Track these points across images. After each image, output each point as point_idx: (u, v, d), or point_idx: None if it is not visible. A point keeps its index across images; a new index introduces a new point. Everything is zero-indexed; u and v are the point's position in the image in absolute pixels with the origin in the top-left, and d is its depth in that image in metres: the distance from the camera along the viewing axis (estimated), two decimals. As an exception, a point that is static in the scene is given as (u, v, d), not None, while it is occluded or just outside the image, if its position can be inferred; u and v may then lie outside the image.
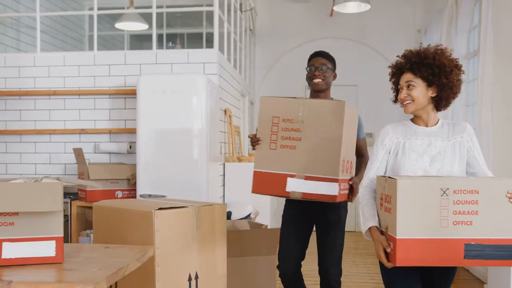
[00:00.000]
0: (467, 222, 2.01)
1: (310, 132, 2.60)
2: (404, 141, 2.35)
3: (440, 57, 2.29)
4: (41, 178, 1.98)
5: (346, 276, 5.05)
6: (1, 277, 1.70)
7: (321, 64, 3.05)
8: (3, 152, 4.81)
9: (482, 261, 2.03)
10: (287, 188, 2.61)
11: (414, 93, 2.29)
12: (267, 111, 2.67)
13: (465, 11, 5.67)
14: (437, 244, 2.02)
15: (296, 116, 2.61)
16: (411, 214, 2.05)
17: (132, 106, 4.63)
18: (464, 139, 2.31)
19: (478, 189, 2.01)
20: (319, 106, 2.62)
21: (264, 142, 2.67)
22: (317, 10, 7.63)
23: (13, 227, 1.84)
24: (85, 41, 7.03)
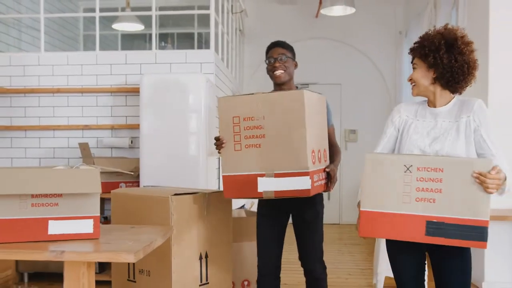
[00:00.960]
0: (430, 200, 2.03)
1: (273, 128, 2.50)
2: (412, 121, 2.34)
3: (434, 38, 2.26)
4: (79, 165, 2.27)
5: (333, 263, 5.41)
6: (49, 249, 1.99)
7: (280, 55, 2.89)
8: (8, 147, 5.04)
9: (443, 239, 2.03)
10: (259, 189, 2.51)
11: (414, 75, 2.31)
12: (227, 112, 2.57)
13: (443, 14, 6.04)
14: (400, 219, 2.06)
15: (256, 113, 2.52)
16: (375, 188, 2.11)
17: (133, 103, 4.91)
18: (470, 118, 2.23)
19: (442, 168, 2.02)
20: (278, 98, 2.51)
21: (228, 145, 2.58)
22: (303, 11, 7.96)
23: (57, 207, 2.13)
24: (80, 40, 7.26)
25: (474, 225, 1.98)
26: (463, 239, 2.01)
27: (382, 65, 8.02)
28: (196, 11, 5.83)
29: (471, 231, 1.99)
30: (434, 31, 2.30)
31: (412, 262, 2.32)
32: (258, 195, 2.53)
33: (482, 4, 4.68)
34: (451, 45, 2.23)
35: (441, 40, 2.23)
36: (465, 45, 2.25)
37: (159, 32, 7.40)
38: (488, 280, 4.48)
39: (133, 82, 4.90)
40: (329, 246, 6.19)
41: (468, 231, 1.99)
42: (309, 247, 2.91)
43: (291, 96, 2.51)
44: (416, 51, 2.31)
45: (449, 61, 2.21)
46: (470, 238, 2.00)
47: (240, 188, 2.57)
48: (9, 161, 5.03)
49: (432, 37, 2.26)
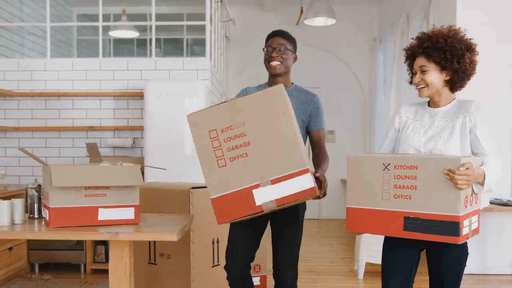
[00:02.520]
0: (407, 196, 2.09)
1: (256, 132, 2.26)
2: (411, 122, 2.40)
3: (452, 40, 2.27)
4: (120, 163, 2.70)
5: (316, 253, 5.93)
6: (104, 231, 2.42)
7: (279, 45, 2.75)
8: (16, 147, 5.38)
9: (419, 234, 2.09)
10: (257, 202, 2.24)
11: (428, 78, 2.30)
12: (200, 128, 2.30)
13: (415, 26, 6.59)
14: (379, 215, 2.15)
15: (234, 120, 2.26)
16: (358, 185, 2.20)
17: (134, 107, 5.32)
18: (466, 118, 2.27)
19: (416, 165, 2.08)
20: (254, 100, 2.29)
21: (210, 163, 2.28)
22: (285, 19, 8.44)
23: (106, 197, 2.55)
24: (74, 45, 7.59)
25: (447, 220, 2.02)
26: (437, 234, 2.05)
27: (358, 70, 8.58)
28: (195, 22, 6.24)
29: (445, 226, 2.03)
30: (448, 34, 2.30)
31: (405, 255, 2.34)
32: (257, 210, 2.25)
33: (449, 20, 5.23)
34: (470, 48, 2.31)
35: (462, 46, 2.27)
36: (475, 49, 2.34)
37: (149, 38, 7.80)
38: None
39: (135, 87, 5.31)
40: (310, 239, 6.70)
41: (442, 226, 2.03)
42: (286, 249, 2.75)
43: (269, 94, 2.29)
44: (432, 55, 2.28)
45: (469, 65, 2.29)
46: (444, 233, 2.04)
47: (235, 208, 2.26)
48: (17, 160, 5.38)
49: (451, 41, 2.27)
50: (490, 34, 5.01)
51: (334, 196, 8.22)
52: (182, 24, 7.08)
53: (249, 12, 8.32)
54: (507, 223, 5.03)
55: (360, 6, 8.32)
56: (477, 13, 5.02)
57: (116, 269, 2.55)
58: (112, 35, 6.41)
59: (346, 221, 2.28)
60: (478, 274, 4.98)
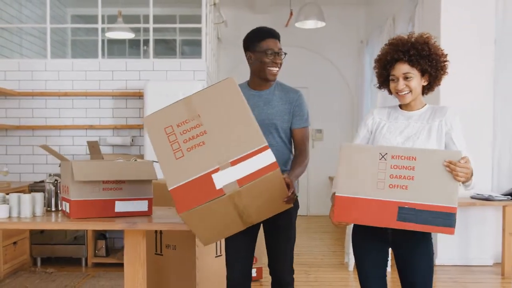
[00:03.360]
0: (403, 186, 2.09)
1: (211, 120, 2.29)
2: (384, 123, 2.43)
3: (434, 48, 2.35)
4: (134, 159, 2.90)
5: (307, 247, 6.17)
6: (121, 221, 2.61)
7: (280, 50, 2.68)
8: (17, 145, 5.54)
9: (413, 225, 2.09)
10: (217, 186, 2.19)
11: (412, 84, 2.34)
12: (156, 127, 2.32)
13: (401, 28, 6.86)
14: (373, 204, 2.11)
15: (189, 114, 2.30)
16: (350, 174, 2.16)
17: (133, 106, 5.50)
18: (443, 122, 2.34)
19: (415, 156, 2.09)
20: (208, 92, 2.35)
21: (168, 156, 2.26)
22: (274, 21, 8.65)
23: (122, 190, 2.75)
24: (68, 44, 7.73)
25: (443, 211, 2.04)
26: (432, 224, 2.06)
27: (345, 70, 8.85)
28: (191, 24, 6.42)
29: (440, 217, 2.04)
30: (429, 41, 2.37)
31: (376, 253, 2.41)
32: (218, 194, 2.19)
33: (433, 23, 5.51)
34: (446, 58, 2.41)
35: (441, 53, 2.38)
36: (446, 58, 2.43)
37: (142, 39, 7.98)
38: (440, 257, 5.32)
39: (133, 87, 5.49)
40: (300, 235, 6.89)
41: (437, 217, 2.04)
42: (281, 252, 2.78)
43: (221, 85, 2.35)
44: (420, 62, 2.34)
45: (446, 72, 2.41)
46: (439, 224, 2.05)
47: (195, 195, 2.20)
48: (18, 158, 5.53)
49: (436, 50, 2.36)
50: (474, 35, 5.30)
51: (323, 193, 8.49)
52: (178, 26, 7.24)
53: (240, 13, 8.53)
54: (488, 217, 5.31)
55: (348, 9, 8.58)
56: (461, 16, 5.30)
57: (131, 258, 2.74)
58: (108, 36, 6.57)
59: (333, 210, 2.21)
60: (461, 265, 5.27)
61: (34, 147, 5.54)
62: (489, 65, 5.35)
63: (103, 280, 4.57)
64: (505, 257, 4.90)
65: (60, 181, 2.92)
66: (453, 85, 5.27)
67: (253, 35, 2.71)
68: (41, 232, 5.12)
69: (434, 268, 5.09)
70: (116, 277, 4.66)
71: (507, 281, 4.76)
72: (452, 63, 5.25)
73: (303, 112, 2.74)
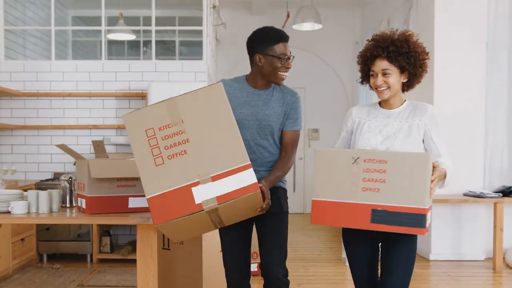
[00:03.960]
0: (375, 189, 2.12)
1: (196, 129, 2.24)
2: (364, 122, 2.46)
3: (414, 45, 2.35)
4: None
5: (304, 243, 6.34)
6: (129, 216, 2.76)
7: (290, 54, 2.62)
8: (22, 144, 5.67)
9: (386, 226, 2.13)
10: (197, 200, 2.17)
11: (390, 80, 2.36)
12: (137, 127, 2.25)
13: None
14: (347, 207, 2.17)
15: (172, 118, 2.24)
16: (326, 179, 2.21)
17: (136, 106, 5.64)
18: (422, 121, 2.36)
19: (386, 159, 2.12)
20: (194, 97, 2.27)
21: (147, 162, 2.22)
22: (271, 22, 8.75)
23: (135, 187, 2.88)
24: (69, 45, 7.85)
25: (414, 212, 2.08)
26: (403, 225, 2.10)
27: (341, 71, 9.04)
28: (193, 27, 6.55)
29: (412, 218, 2.08)
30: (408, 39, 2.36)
31: (366, 251, 2.44)
32: (197, 208, 2.17)
33: (427, 25, 5.69)
34: (426, 56, 2.41)
35: (421, 50, 2.37)
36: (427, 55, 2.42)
37: (142, 40, 8.11)
38: (434, 252, 5.51)
39: (136, 88, 5.64)
40: (297, 232, 7.11)
41: (409, 219, 2.08)
42: (274, 244, 2.71)
43: (208, 90, 2.29)
44: (398, 59, 2.35)
45: (425, 69, 2.41)
46: (410, 225, 2.09)
47: (173, 207, 2.17)
48: (23, 157, 5.66)
49: (415, 47, 2.36)
50: (466, 38, 5.49)
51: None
52: (179, 28, 7.37)
53: (238, 15, 8.69)
54: (480, 214, 5.51)
55: (344, 10, 8.76)
56: (454, 19, 5.49)
57: (143, 252, 2.88)
58: (110, 38, 6.70)
59: (310, 214, 2.28)
60: (454, 260, 5.46)
61: (39, 146, 5.67)
62: (481, 66, 5.54)
63: (109, 275, 4.72)
64: (496, 252, 5.08)
65: (75, 179, 3.07)
66: (446, 86, 5.47)
67: (264, 36, 2.61)
68: (47, 229, 5.26)
69: (428, 263, 5.26)
70: (122, 272, 4.81)
71: (498, 275, 4.95)
72: (445, 64, 5.45)
73: (297, 116, 2.71)
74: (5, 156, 5.64)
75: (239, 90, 2.69)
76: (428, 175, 2.10)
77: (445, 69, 5.50)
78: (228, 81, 2.72)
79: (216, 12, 7.06)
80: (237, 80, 2.75)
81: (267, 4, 8.32)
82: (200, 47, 7.48)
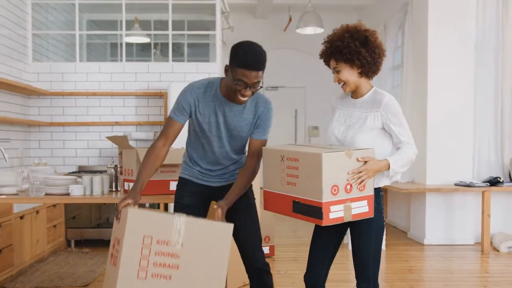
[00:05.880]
0: (293, 183, 2.37)
1: (190, 260, 2.24)
2: (337, 111, 2.63)
3: (348, 40, 2.43)
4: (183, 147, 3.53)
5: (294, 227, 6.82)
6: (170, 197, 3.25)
7: (255, 82, 2.46)
8: (49, 140, 6.14)
9: (302, 216, 2.35)
10: None
11: (342, 76, 2.49)
12: (137, 228, 2.19)
13: (392, 34, 7.56)
14: (280, 197, 2.45)
15: (173, 237, 2.21)
16: (267, 173, 2.51)
17: (154, 105, 6.14)
18: (378, 113, 2.46)
19: (298, 158, 2.34)
20: (203, 228, 2.31)
21: (130, 268, 2.15)
22: (274, 25, 9.35)
23: (175, 173, 3.37)
24: (84, 47, 8.29)
25: (314, 205, 2.27)
26: (309, 216, 2.30)
27: (339, 71, 9.53)
28: (205, 32, 7.04)
29: (314, 210, 2.27)
30: (343, 35, 2.45)
31: (329, 236, 2.57)
32: None
33: (421, 30, 6.21)
34: (365, 42, 2.43)
35: (356, 41, 2.42)
36: (373, 36, 2.48)
37: (153, 42, 8.56)
38: (428, 237, 6.04)
39: (154, 87, 6.13)
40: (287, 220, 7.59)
41: (313, 210, 2.27)
42: (250, 232, 2.76)
43: (218, 229, 2.34)
44: (337, 57, 2.47)
45: (370, 56, 2.44)
46: (313, 216, 2.28)
47: None
48: (50, 151, 6.13)
49: (347, 42, 2.43)
50: (457, 38, 6.01)
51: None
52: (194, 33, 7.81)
53: (242, 18, 9.18)
54: (470, 202, 6.04)
55: (343, 14, 9.25)
56: (446, 25, 6.00)
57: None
58: (127, 41, 7.16)
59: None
60: (446, 245, 5.98)
61: (65, 142, 6.13)
62: (470, 66, 6.06)
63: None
64: (484, 236, 5.61)
65: (122, 166, 3.56)
66: (439, 85, 6.00)
67: (237, 55, 2.45)
68: (73, 217, 5.73)
69: (423, 247, 5.79)
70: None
71: (486, 257, 5.49)
72: (438, 66, 5.98)
73: (266, 126, 2.70)
74: (33, 151, 6.10)
75: (212, 98, 2.62)
76: (321, 173, 2.22)
77: (437, 69, 6.01)
78: (201, 88, 2.63)
79: (224, 17, 7.55)
80: (210, 86, 2.64)
81: (271, 9, 8.81)
82: (205, 49, 7.99)
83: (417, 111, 6.30)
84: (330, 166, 2.23)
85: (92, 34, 8.45)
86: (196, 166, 2.82)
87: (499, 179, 5.72)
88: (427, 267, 5.12)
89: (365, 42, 2.43)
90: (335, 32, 2.51)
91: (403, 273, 4.80)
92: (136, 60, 7.78)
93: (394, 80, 7.61)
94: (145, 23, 8.22)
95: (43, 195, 3.34)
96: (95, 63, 6.26)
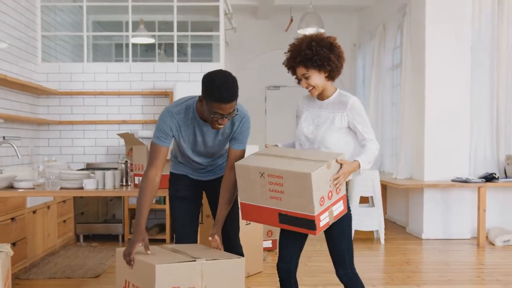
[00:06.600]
0: (278, 198, 2.48)
1: None
2: (304, 111, 2.78)
3: (316, 48, 2.59)
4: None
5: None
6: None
7: (230, 113, 2.59)
8: (58, 138, 6.33)
9: (290, 226, 2.50)
10: None
11: (312, 82, 2.64)
12: (166, 282, 2.35)
13: (391, 35, 7.73)
14: (261, 210, 2.55)
15: (198, 282, 2.42)
16: (245, 186, 2.58)
17: (160, 104, 6.32)
18: (345, 113, 2.64)
19: (282, 175, 2.43)
20: (221, 266, 2.51)
21: None
22: (275, 26, 9.51)
23: (183, 168, 3.57)
24: (90, 48, 8.47)
25: (306, 218, 2.42)
26: (302, 227, 2.45)
27: (340, 71, 9.70)
28: (209, 33, 7.23)
29: (305, 221, 2.42)
30: (311, 43, 2.61)
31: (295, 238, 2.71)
32: None
33: (419, 31, 6.39)
34: (331, 48, 2.63)
35: (323, 48, 2.60)
36: (336, 42, 2.67)
37: (157, 43, 8.74)
38: (426, 232, 6.22)
39: (160, 87, 6.32)
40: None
41: (302, 222, 2.43)
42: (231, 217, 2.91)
43: (237, 265, 2.55)
44: (307, 64, 2.61)
45: (337, 60, 2.64)
46: (305, 227, 2.44)
47: None
48: (59, 149, 6.32)
49: (316, 50, 2.59)
50: (453, 39, 6.19)
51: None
52: (199, 34, 8.00)
53: (244, 19, 9.35)
54: (466, 197, 6.22)
55: (343, 15, 9.44)
56: (443, 26, 6.18)
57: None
58: (133, 41, 7.35)
59: None
60: (443, 239, 6.16)
61: (73, 140, 6.33)
62: (466, 65, 6.24)
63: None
64: (480, 230, 5.79)
65: (133, 161, 3.74)
66: (436, 84, 6.18)
67: (209, 89, 2.53)
68: (82, 213, 5.92)
69: (421, 241, 5.97)
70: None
71: (482, 250, 5.67)
72: (435, 65, 6.16)
73: (242, 137, 2.81)
74: (43, 149, 6.29)
75: (191, 121, 2.73)
76: (312, 191, 2.35)
77: (435, 68, 6.19)
78: (181, 113, 2.72)
79: (227, 18, 7.74)
80: (188, 109, 2.73)
81: (272, 10, 8.98)
82: (207, 49, 8.16)
83: (416, 109, 6.47)
84: (317, 182, 2.38)
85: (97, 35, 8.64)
86: (182, 165, 3.02)
87: (494, 175, 5.88)
88: (424, 260, 5.30)
89: (332, 48, 2.62)
90: (300, 42, 2.66)
91: (401, 265, 4.99)
92: (141, 60, 7.97)
93: (393, 79, 7.78)
94: (150, 24, 8.41)
95: (58, 188, 3.53)
96: (102, 63, 6.44)
